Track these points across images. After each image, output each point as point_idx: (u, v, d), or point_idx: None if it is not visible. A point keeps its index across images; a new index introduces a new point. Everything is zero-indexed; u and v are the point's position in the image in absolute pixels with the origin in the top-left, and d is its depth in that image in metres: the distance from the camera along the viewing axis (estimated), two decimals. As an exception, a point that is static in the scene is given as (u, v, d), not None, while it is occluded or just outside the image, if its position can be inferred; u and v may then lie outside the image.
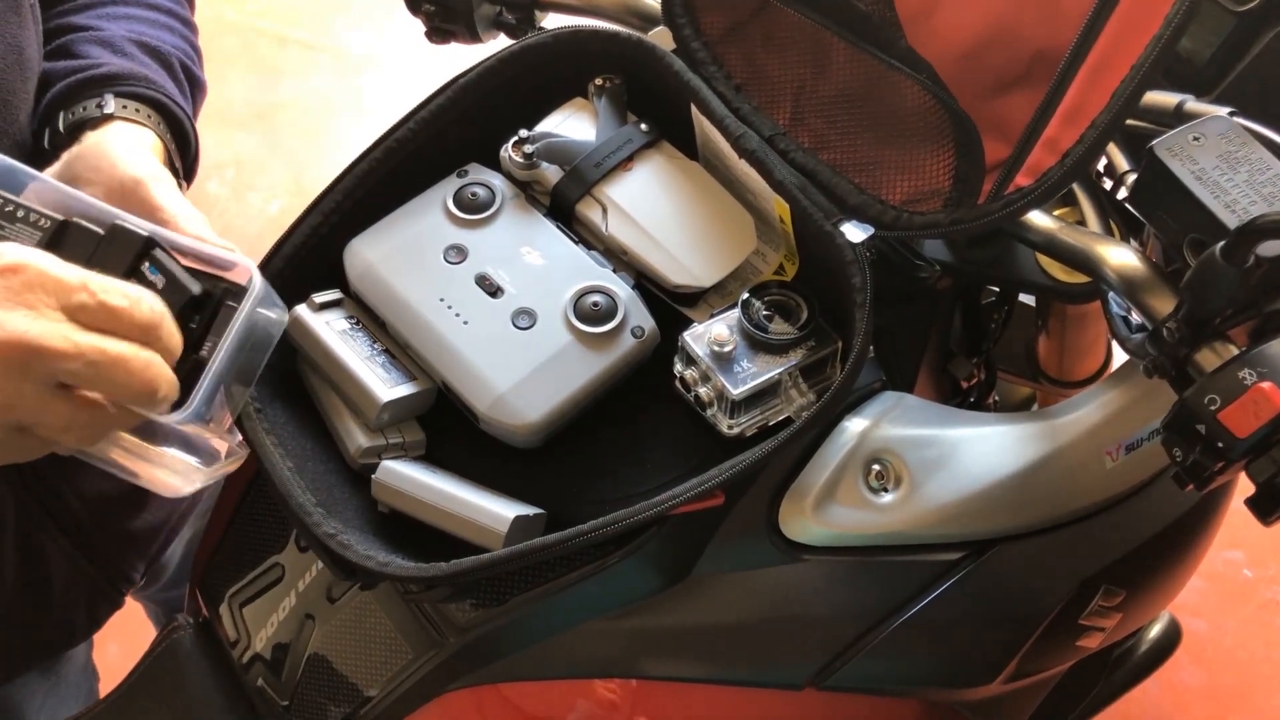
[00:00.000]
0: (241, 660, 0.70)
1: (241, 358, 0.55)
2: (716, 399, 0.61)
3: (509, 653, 0.62)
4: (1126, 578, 0.68)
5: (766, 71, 0.67)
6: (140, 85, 0.67)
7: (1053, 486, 0.63)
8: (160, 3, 0.75)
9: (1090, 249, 0.60)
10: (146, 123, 0.66)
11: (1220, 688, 1.54)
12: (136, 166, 0.60)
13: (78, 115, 0.65)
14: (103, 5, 0.72)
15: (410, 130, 0.66)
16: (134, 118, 0.66)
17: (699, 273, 0.65)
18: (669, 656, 0.63)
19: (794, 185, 0.62)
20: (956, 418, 0.64)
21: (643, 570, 0.61)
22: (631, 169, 0.68)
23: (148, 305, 0.49)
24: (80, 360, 0.46)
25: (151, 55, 0.71)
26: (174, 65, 0.72)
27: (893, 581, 0.62)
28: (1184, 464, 0.51)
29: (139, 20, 0.73)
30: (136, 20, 0.72)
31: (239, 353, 0.55)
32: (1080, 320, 0.86)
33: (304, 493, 0.57)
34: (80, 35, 0.70)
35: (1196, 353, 0.53)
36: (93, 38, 0.69)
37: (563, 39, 0.68)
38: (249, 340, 0.55)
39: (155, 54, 0.71)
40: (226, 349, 0.53)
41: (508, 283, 0.64)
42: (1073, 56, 0.55)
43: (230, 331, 0.53)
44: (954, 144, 0.59)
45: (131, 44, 0.70)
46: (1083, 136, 0.54)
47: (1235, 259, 0.48)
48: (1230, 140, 0.54)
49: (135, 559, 0.85)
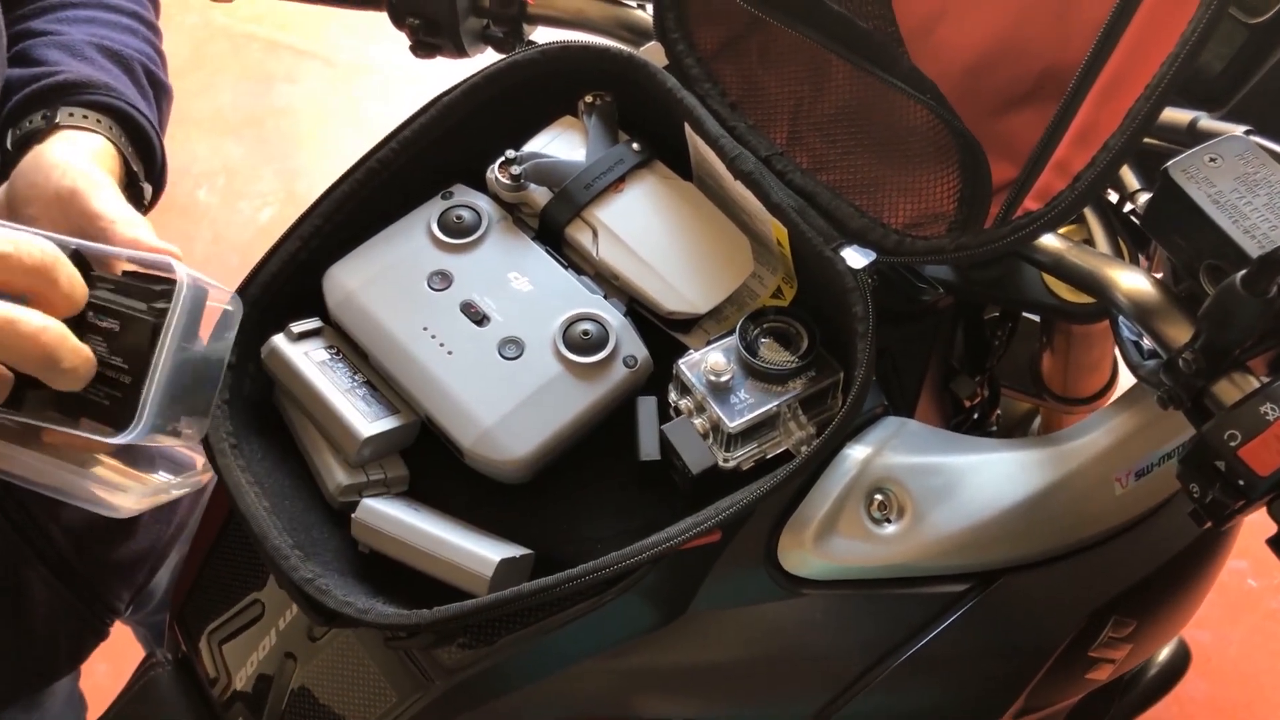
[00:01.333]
0: (221, 699, 0.68)
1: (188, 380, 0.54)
2: (712, 430, 0.59)
3: (499, 694, 0.61)
4: (1137, 607, 0.67)
5: (763, 89, 0.65)
6: (97, 92, 0.66)
7: (1061, 514, 0.61)
8: (122, 5, 0.74)
9: (1100, 272, 0.58)
10: (97, 128, 0.65)
11: (1225, 699, 1.53)
12: (73, 177, 0.59)
13: (24, 130, 0.64)
14: (64, 8, 0.71)
15: (392, 150, 0.64)
16: (82, 124, 0.65)
17: (694, 298, 0.63)
18: (666, 696, 0.62)
19: (792, 208, 0.60)
20: (961, 444, 0.63)
21: (638, 607, 0.59)
22: (623, 190, 0.66)
23: (36, 248, 0.47)
24: None
25: (112, 59, 0.70)
26: (135, 69, 0.71)
27: (896, 615, 0.61)
28: (1202, 501, 0.50)
29: (100, 24, 0.72)
30: (98, 24, 0.71)
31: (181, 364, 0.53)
32: (1085, 338, 0.84)
33: (281, 534, 0.55)
34: (40, 40, 0.69)
35: (1214, 384, 0.51)
36: (53, 42, 0.68)
37: (551, 55, 0.66)
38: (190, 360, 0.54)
39: (116, 58, 0.70)
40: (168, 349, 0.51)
41: (494, 310, 0.62)
42: (1084, 74, 0.53)
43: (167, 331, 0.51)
44: (958, 165, 0.57)
45: (92, 48, 0.69)
46: (1095, 159, 0.52)
47: (1257, 289, 0.47)
48: (1248, 161, 0.52)
49: (120, 588, 0.84)
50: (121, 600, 0.83)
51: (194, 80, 2.44)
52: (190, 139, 2.33)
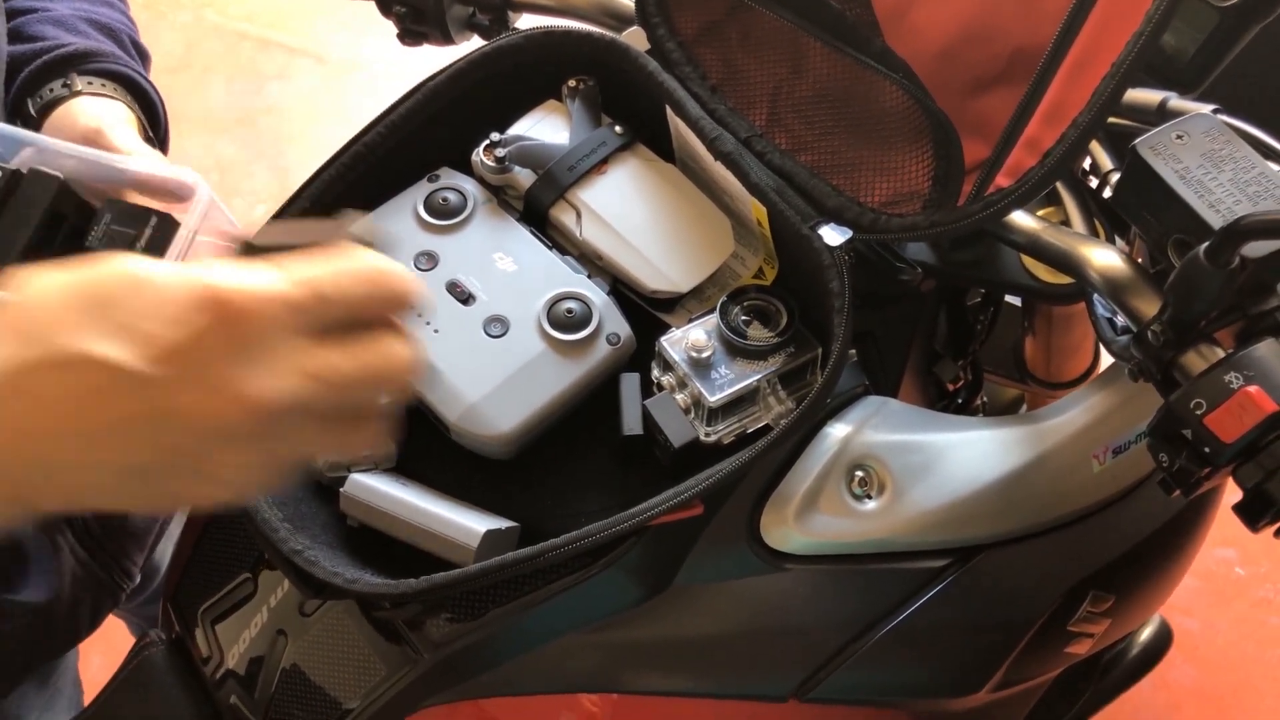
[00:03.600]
0: (214, 677, 0.68)
1: None
2: (694, 405, 0.60)
3: (486, 668, 0.61)
4: (1115, 583, 0.68)
5: (743, 72, 0.66)
6: (105, 61, 0.69)
7: (1039, 491, 0.62)
8: None
9: (1073, 250, 0.59)
10: (116, 95, 0.68)
11: (1213, 686, 1.53)
12: (97, 119, 0.62)
13: (46, 97, 0.66)
14: None
15: (379, 134, 0.65)
16: (101, 91, 0.67)
17: (676, 277, 0.64)
18: (650, 669, 0.62)
19: (770, 188, 0.61)
20: (940, 422, 0.63)
21: (622, 582, 0.60)
22: (606, 172, 0.67)
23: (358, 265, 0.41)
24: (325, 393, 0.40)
25: (102, 31, 0.72)
26: (123, 39, 0.73)
27: (877, 590, 0.62)
28: (1170, 469, 0.51)
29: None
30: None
31: None
32: (1067, 320, 0.85)
33: (270, 508, 0.56)
34: (32, 17, 0.70)
35: (1182, 356, 0.52)
36: (45, 18, 0.70)
37: (535, 40, 0.67)
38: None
39: (106, 29, 0.72)
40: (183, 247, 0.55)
41: (479, 290, 0.63)
42: (1052, 54, 0.54)
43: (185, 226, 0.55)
44: (932, 145, 0.58)
45: (82, 21, 0.71)
46: (1063, 136, 0.53)
47: (1220, 260, 0.47)
48: (1214, 138, 0.53)
49: (135, 553, 0.85)
50: (136, 565, 0.85)
51: (186, 78, 2.44)
52: (182, 137, 2.31)
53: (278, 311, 0.39)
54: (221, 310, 0.38)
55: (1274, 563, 1.63)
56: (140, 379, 0.37)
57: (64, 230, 0.57)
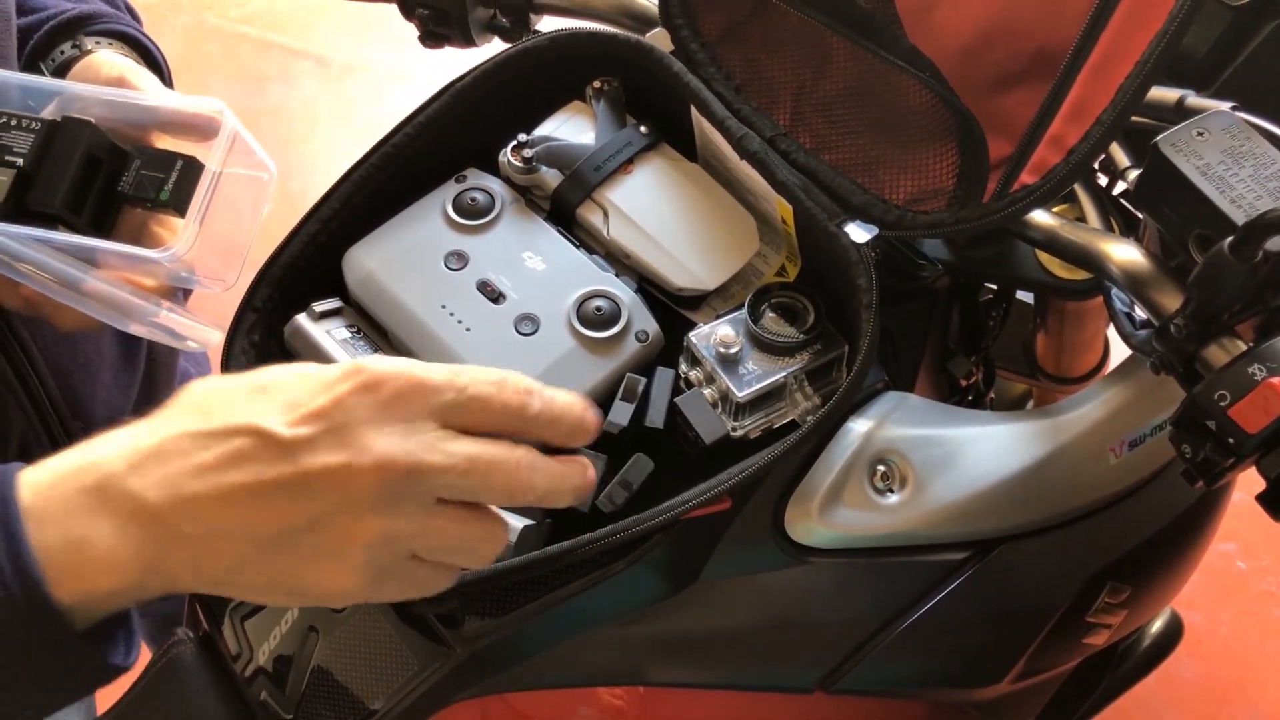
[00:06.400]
0: (244, 674, 0.69)
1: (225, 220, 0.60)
2: (721, 400, 0.61)
3: (516, 662, 0.62)
4: (1132, 574, 0.69)
5: (766, 72, 0.67)
6: (109, 22, 0.70)
7: (1057, 484, 0.63)
8: None
9: (1093, 245, 0.60)
10: (124, 52, 0.70)
11: (1216, 680, 1.55)
12: (119, 68, 0.64)
13: (59, 60, 0.67)
14: None
15: (407, 136, 0.66)
16: (110, 49, 0.69)
17: (702, 275, 0.65)
18: (677, 662, 0.63)
19: (796, 186, 0.61)
20: (960, 417, 0.64)
21: (650, 576, 0.60)
22: (632, 172, 0.68)
23: (513, 383, 0.45)
24: (453, 473, 0.43)
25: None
26: (119, 3, 0.76)
27: (900, 582, 0.62)
28: (1194, 460, 0.51)
29: None
30: None
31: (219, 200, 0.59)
32: (1079, 317, 0.86)
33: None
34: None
35: (1204, 349, 0.53)
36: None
37: (560, 42, 0.68)
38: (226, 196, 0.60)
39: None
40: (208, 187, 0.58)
41: (509, 288, 0.64)
42: (1076, 53, 0.55)
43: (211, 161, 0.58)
44: (957, 142, 0.59)
45: None
46: (1088, 133, 0.54)
47: (1243, 255, 0.48)
48: (1234, 135, 0.54)
49: None
50: None
51: (186, 81, 2.42)
52: (184, 139, 2.33)
53: (416, 388, 0.43)
54: (363, 378, 0.42)
55: (1275, 556, 1.65)
56: (282, 443, 0.41)
57: (101, 175, 0.60)
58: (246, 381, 0.44)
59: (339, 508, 0.42)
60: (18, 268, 0.57)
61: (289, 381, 0.43)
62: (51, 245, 0.57)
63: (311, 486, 0.42)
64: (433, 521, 0.44)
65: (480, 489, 0.44)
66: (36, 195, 0.58)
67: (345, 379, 0.42)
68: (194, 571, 0.44)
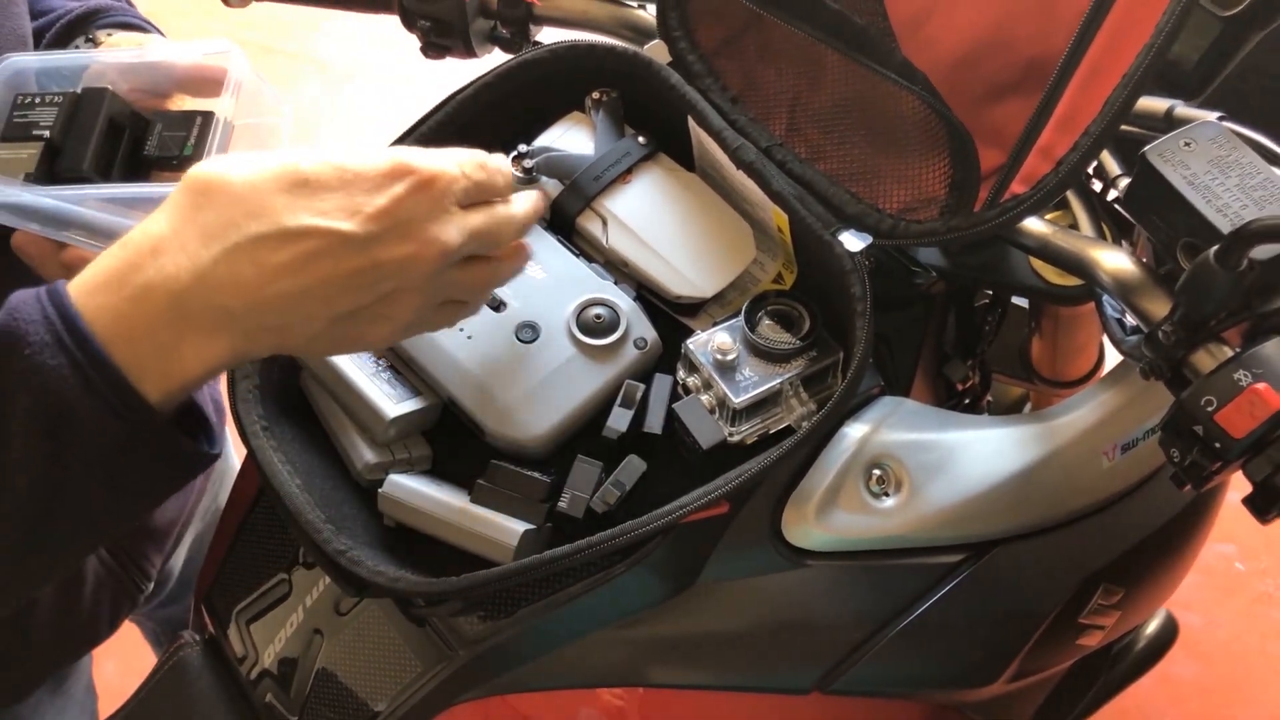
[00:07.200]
0: (250, 676, 0.70)
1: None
2: (718, 406, 0.62)
3: (518, 664, 0.63)
4: (1125, 576, 0.69)
5: (762, 83, 0.68)
6: (118, 15, 0.73)
7: (1051, 487, 0.63)
8: None
9: (1084, 253, 0.61)
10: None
11: (1215, 681, 1.55)
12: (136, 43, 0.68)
13: None
14: None
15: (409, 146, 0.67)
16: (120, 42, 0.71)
17: (700, 283, 0.66)
18: (676, 664, 0.64)
19: (792, 195, 0.62)
20: (955, 421, 0.65)
21: (649, 579, 0.61)
22: (630, 181, 0.68)
23: (495, 164, 0.54)
24: (476, 240, 0.53)
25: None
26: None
27: (895, 585, 0.63)
28: (1182, 464, 0.52)
29: None
30: None
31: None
32: (1073, 321, 0.87)
33: (313, 509, 0.57)
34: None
35: (1192, 355, 0.53)
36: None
37: (560, 53, 0.68)
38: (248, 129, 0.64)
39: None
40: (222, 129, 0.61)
41: (510, 297, 0.65)
42: (1066, 64, 0.56)
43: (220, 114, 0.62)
44: (949, 152, 0.60)
45: None
46: (1076, 144, 0.54)
47: (1229, 263, 0.49)
48: (1221, 145, 0.55)
49: (154, 554, 0.86)
50: (154, 566, 0.86)
51: (189, 84, 2.44)
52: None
53: (449, 183, 0.51)
54: (415, 178, 0.49)
55: (1274, 558, 1.65)
56: (358, 238, 0.48)
57: (125, 141, 0.63)
58: (275, 174, 0.48)
59: (404, 286, 0.50)
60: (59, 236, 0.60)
61: (330, 178, 0.48)
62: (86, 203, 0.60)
63: (383, 270, 0.49)
64: (466, 275, 0.54)
65: (494, 244, 0.55)
66: (65, 161, 0.61)
67: (397, 178, 0.49)
68: (276, 347, 0.51)
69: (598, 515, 0.61)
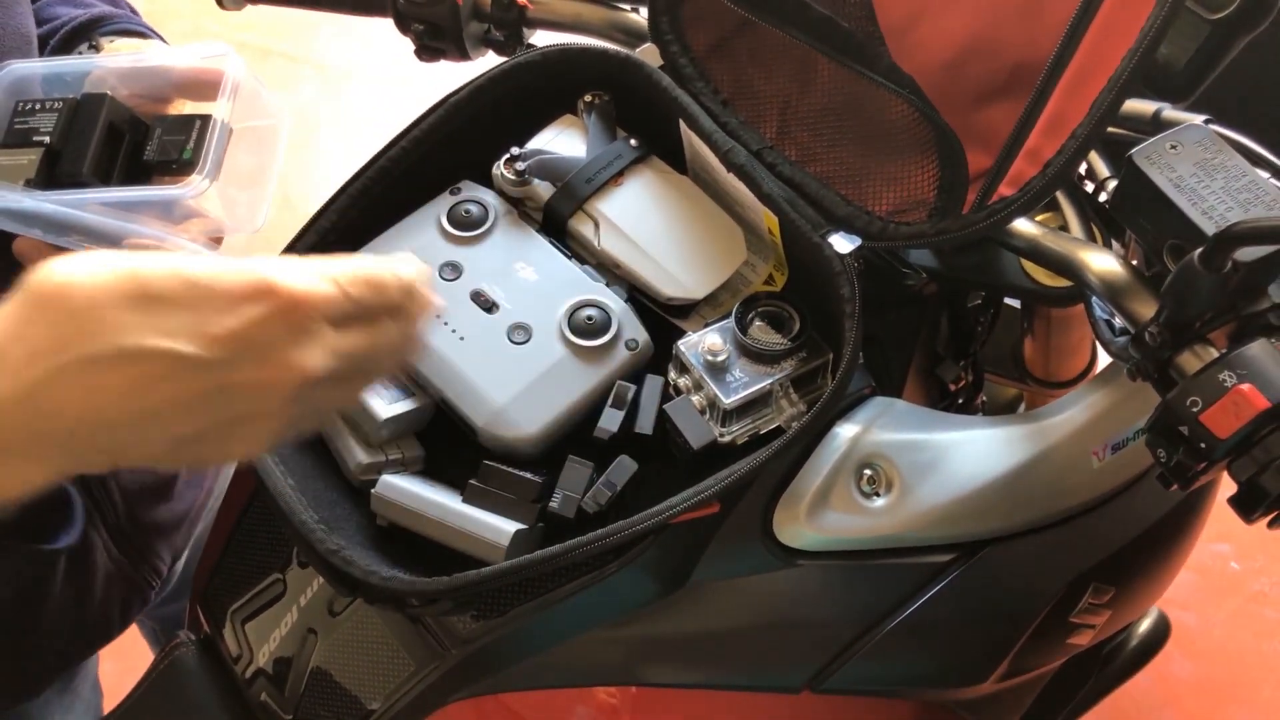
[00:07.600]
0: (244, 676, 0.70)
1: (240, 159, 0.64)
2: (709, 407, 0.62)
3: (511, 663, 0.63)
4: (1115, 575, 0.69)
5: (753, 86, 0.68)
6: (120, 22, 0.73)
7: (1041, 487, 0.64)
8: None
9: (1073, 255, 0.61)
10: None
11: (1210, 679, 1.55)
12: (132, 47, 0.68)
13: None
14: None
15: (403, 149, 0.67)
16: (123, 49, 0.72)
17: (691, 285, 0.66)
18: (668, 663, 0.64)
19: (782, 198, 0.63)
20: (946, 421, 0.65)
21: (641, 579, 0.61)
22: (622, 184, 0.69)
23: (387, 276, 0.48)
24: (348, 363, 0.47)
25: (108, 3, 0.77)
26: (123, 5, 0.79)
27: (886, 584, 0.63)
28: (1168, 464, 0.52)
29: None
30: None
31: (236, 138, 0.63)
32: (1064, 322, 0.87)
33: (306, 510, 0.58)
34: (44, 2, 0.75)
35: (1178, 356, 0.54)
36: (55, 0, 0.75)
37: (552, 57, 0.69)
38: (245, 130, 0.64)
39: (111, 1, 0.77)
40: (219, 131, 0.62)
41: (502, 298, 0.65)
42: (1052, 68, 0.56)
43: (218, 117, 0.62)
44: (937, 155, 0.60)
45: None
46: (1063, 147, 0.55)
47: (1213, 265, 0.49)
48: (1207, 148, 0.55)
49: (164, 550, 0.87)
50: (164, 563, 0.87)
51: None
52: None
53: (317, 305, 0.45)
54: (276, 301, 0.44)
55: (1269, 557, 1.65)
56: (201, 362, 0.43)
57: (125, 146, 0.64)
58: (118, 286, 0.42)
59: (258, 411, 0.45)
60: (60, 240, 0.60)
61: (180, 293, 0.43)
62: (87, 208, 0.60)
63: (231, 395, 0.44)
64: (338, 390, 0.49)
65: (372, 364, 0.50)
66: (65, 166, 0.61)
67: (254, 298, 0.43)
68: (111, 465, 0.45)
69: (589, 515, 0.61)
